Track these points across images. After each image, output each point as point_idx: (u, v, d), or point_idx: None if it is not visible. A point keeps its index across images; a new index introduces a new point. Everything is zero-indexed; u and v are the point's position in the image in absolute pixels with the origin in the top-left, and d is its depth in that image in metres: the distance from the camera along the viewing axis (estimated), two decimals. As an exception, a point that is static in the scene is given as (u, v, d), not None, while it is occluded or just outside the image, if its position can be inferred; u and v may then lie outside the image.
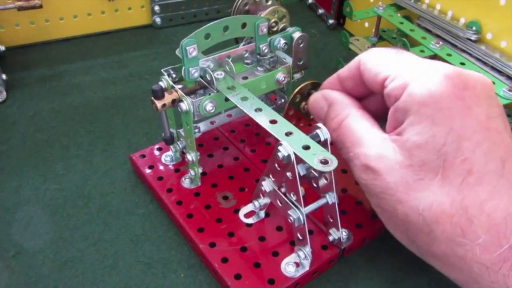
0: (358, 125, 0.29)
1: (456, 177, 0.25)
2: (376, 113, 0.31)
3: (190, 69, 0.32)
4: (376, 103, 0.32)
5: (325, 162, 0.26)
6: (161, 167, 0.38)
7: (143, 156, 0.39)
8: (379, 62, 0.30)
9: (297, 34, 0.36)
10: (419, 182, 0.26)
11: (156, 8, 0.59)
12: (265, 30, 0.35)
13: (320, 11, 0.64)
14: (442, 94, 0.26)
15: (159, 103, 0.31)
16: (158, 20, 0.60)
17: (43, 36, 0.55)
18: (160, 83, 0.33)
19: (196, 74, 0.32)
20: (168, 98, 0.32)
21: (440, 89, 0.26)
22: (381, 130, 0.29)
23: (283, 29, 0.37)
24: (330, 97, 0.32)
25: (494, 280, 0.25)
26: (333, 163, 0.26)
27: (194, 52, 0.31)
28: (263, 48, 0.35)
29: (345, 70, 0.32)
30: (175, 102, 0.32)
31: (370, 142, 0.28)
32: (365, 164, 0.28)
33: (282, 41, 0.35)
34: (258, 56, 0.36)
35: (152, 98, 0.31)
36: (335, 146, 0.31)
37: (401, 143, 0.27)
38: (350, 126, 0.30)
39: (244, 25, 0.34)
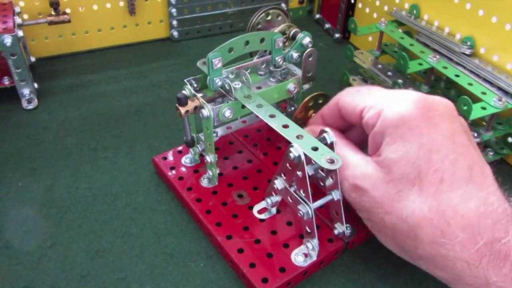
0: (343, 152, 0.33)
1: (430, 186, 0.29)
2: (357, 143, 0.35)
3: (215, 79, 0.36)
4: (356, 135, 0.37)
5: (331, 161, 0.30)
6: (182, 169, 0.42)
7: (165, 158, 0.43)
8: (355, 98, 0.34)
9: (307, 39, 0.39)
10: (400, 194, 0.30)
11: (174, 22, 0.63)
12: (280, 44, 0.38)
13: (327, 25, 0.68)
14: (410, 116, 0.30)
15: (183, 110, 0.35)
16: (175, 33, 0.64)
17: (70, 48, 0.60)
18: (184, 91, 0.37)
19: (219, 83, 0.36)
20: (191, 105, 0.35)
21: (409, 112, 0.30)
22: (363, 154, 0.33)
23: (295, 34, 0.41)
24: (316, 131, 0.35)
25: (476, 275, 0.28)
26: (339, 162, 0.30)
27: (219, 64, 0.35)
28: (278, 60, 0.39)
29: (326, 109, 0.37)
30: (197, 108, 0.36)
31: (355, 165, 0.32)
32: (353, 184, 0.32)
33: (295, 55, 0.39)
34: (271, 68, 0.40)
35: (177, 105, 0.35)
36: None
37: (381, 162, 0.31)
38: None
39: (262, 40, 0.37)
